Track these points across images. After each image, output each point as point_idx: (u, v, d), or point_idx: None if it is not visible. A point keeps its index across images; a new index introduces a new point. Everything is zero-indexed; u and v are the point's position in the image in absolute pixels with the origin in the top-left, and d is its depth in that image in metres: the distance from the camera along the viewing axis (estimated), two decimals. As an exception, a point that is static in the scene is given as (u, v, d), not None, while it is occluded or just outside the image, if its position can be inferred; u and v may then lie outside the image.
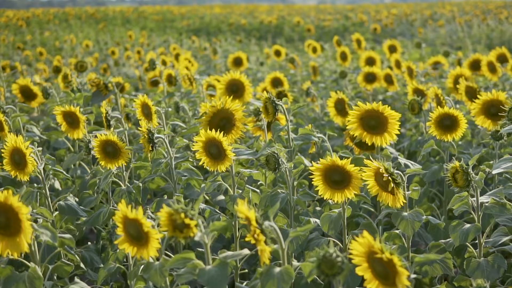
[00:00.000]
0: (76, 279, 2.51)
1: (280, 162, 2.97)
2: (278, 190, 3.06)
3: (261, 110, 3.80)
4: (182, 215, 2.01)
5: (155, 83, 7.12)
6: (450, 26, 23.15)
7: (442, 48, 13.39)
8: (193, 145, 3.03)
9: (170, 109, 5.29)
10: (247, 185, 3.20)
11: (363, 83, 6.61)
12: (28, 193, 3.09)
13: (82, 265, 2.77)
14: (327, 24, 25.50)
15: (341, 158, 4.02)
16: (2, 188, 3.30)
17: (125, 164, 3.15)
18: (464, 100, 4.83)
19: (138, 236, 2.18)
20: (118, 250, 2.68)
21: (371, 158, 2.91)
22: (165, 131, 3.34)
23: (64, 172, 3.37)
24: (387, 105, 3.21)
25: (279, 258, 2.13)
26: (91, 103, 5.63)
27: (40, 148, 3.12)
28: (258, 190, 3.13)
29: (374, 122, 3.33)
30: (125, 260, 2.75)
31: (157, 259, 2.29)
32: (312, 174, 2.82)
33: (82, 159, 4.33)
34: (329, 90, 7.42)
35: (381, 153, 3.71)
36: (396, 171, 2.76)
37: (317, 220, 3.05)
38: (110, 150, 3.12)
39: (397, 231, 2.99)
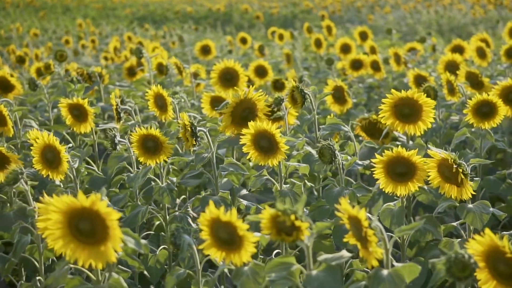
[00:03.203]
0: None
1: (336, 154, 2.82)
2: (332, 184, 2.91)
3: (287, 99, 3.64)
4: (293, 216, 1.84)
5: (132, 73, 6.86)
6: (398, 12, 23.37)
7: (398, 34, 13.42)
8: (241, 138, 2.85)
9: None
10: (291, 179, 3.03)
11: (349, 70, 6.51)
12: (61, 193, 2.84)
13: (146, 272, 2.56)
14: (276, 11, 25.38)
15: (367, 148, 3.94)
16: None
17: (167, 159, 2.94)
18: (465, 86, 4.77)
19: (229, 240, 2.00)
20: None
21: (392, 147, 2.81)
22: (198, 124, 3.13)
23: (97, 170, 3.13)
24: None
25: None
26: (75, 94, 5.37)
27: (71, 144, 2.87)
28: (311, 184, 2.97)
29: (408, 110, 3.23)
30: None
31: (245, 264, 2.10)
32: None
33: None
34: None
35: (414, 142, 3.60)
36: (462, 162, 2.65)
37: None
38: (151, 145, 2.90)
39: (454, 224, 2.89)
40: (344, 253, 2.01)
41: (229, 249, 2.02)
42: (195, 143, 2.91)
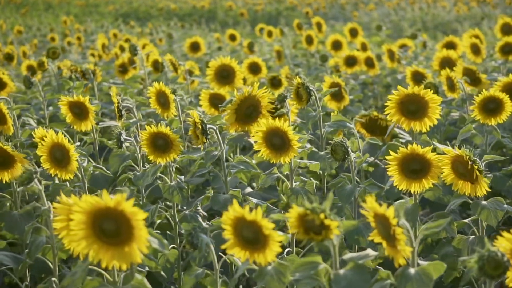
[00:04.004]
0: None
1: (349, 151, 2.79)
2: (344, 182, 2.88)
3: (291, 95, 3.61)
4: (322, 215, 1.81)
5: (123, 70, 6.79)
6: (382, 9, 23.42)
7: (388, 31, 13.45)
8: (252, 136, 2.82)
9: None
10: (301, 177, 3.00)
11: (343, 66, 6.49)
12: (69, 194, 2.80)
13: (163, 273, 2.52)
14: (260, 8, 25.33)
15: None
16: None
17: (177, 157, 2.90)
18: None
19: (254, 240, 1.96)
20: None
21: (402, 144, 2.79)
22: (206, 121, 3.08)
23: (104, 168, 3.09)
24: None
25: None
26: (70, 92, 5.31)
27: (78, 143, 2.82)
28: (315, 182, 2.94)
29: (414, 107, 3.23)
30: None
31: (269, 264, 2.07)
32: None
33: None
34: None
35: (420, 139, 3.58)
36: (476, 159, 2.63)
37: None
38: (161, 143, 2.86)
39: (466, 221, 2.87)
40: (370, 251, 1.98)
41: (253, 248, 1.98)
42: (205, 140, 2.87)
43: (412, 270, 1.93)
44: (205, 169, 3.07)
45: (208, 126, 2.88)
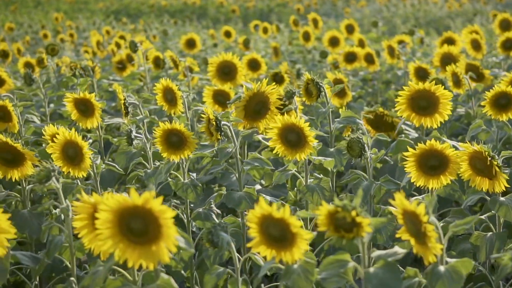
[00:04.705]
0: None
1: (365, 148, 2.77)
2: (360, 178, 2.86)
3: (301, 92, 3.58)
4: (354, 213, 1.78)
5: (122, 67, 6.73)
6: (373, 5, 23.42)
7: (385, 27, 13.43)
8: (267, 132, 2.78)
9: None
10: (315, 174, 2.97)
11: (343, 63, 6.47)
12: (79, 191, 2.76)
13: (183, 272, 2.48)
14: (251, 4, 25.27)
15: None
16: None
17: (191, 154, 2.86)
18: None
19: (281, 238, 1.93)
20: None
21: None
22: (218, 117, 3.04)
23: (117, 166, 3.04)
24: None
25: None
26: (69, 89, 5.26)
27: (90, 140, 2.79)
28: (328, 178, 2.91)
29: (425, 103, 3.22)
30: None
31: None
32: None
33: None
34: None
35: (430, 135, 3.56)
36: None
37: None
38: (175, 140, 2.82)
39: (482, 217, 2.85)
40: (398, 249, 1.95)
41: (279, 246, 1.95)
42: (220, 137, 2.84)
43: (442, 268, 1.91)
44: (219, 166, 3.03)
45: (223, 122, 2.84)
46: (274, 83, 3.44)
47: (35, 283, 2.98)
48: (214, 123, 2.82)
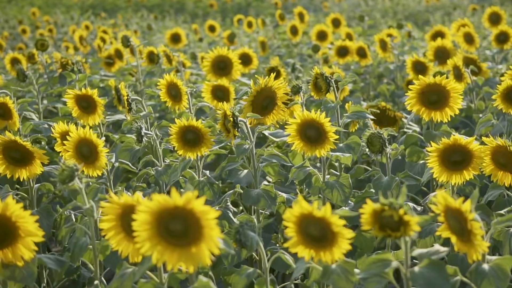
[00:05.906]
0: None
1: (386, 143, 2.72)
2: (380, 174, 2.81)
3: (309, 87, 3.53)
4: (401, 211, 1.73)
5: (111, 62, 6.62)
6: (351, 0, 23.42)
7: (371, 21, 13.42)
8: (286, 128, 2.72)
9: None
10: (332, 170, 2.92)
11: (335, 57, 6.43)
12: (95, 191, 2.67)
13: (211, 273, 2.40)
14: (229, -1, 25.14)
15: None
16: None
17: (207, 152, 2.78)
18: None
19: (320, 237, 1.87)
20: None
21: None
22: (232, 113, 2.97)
23: (130, 164, 2.96)
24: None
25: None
26: (59, 85, 5.15)
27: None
28: (347, 175, 2.85)
29: (435, 97, 3.20)
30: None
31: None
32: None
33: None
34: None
35: (440, 129, 3.53)
36: (518, 147, 2.58)
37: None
38: (191, 137, 2.74)
39: (502, 212, 2.82)
40: (439, 247, 1.90)
41: (319, 246, 1.89)
42: (237, 133, 2.77)
43: (486, 266, 1.87)
44: (235, 163, 2.96)
45: (239, 119, 2.78)
46: (282, 78, 3.37)
47: (43, 285, 2.90)
48: (231, 119, 2.75)
